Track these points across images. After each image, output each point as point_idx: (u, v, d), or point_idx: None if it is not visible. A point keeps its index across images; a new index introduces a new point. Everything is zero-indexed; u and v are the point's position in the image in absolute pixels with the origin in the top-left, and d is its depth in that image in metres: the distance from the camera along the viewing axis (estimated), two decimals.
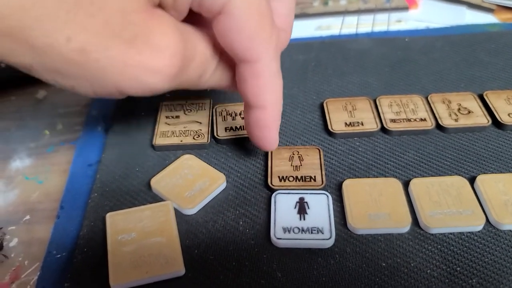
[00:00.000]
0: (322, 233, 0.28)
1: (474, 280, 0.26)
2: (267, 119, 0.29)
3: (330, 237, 0.27)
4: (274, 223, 0.28)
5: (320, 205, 0.29)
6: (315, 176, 0.31)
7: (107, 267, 0.27)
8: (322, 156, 0.33)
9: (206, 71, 0.27)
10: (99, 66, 0.21)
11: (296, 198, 0.30)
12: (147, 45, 0.22)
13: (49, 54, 0.21)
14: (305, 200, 0.29)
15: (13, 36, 0.20)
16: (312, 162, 0.32)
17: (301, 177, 0.31)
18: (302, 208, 0.29)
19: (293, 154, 0.33)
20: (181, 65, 0.24)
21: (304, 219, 0.28)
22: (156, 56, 0.22)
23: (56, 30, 0.20)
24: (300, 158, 0.32)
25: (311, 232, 0.28)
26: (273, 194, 0.30)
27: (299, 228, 0.28)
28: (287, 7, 0.30)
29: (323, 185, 0.31)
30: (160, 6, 0.23)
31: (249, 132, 0.30)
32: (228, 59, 0.28)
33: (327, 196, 0.30)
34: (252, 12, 0.25)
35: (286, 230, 0.28)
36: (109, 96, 0.24)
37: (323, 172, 0.31)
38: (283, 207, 0.29)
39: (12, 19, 0.19)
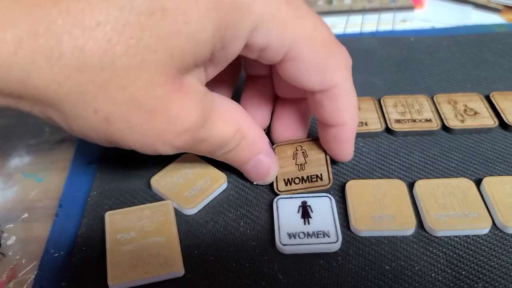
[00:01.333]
0: (329, 237, 0.27)
1: (479, 285, 0.25)
2: (346, 135, 0.29)
3: (337, 240, 0.27)
4: (279, 229, 0.28)
5: (324, 208, 0.28)
6: (321, 175, 0.30)
7: (105, 266, 0.26)
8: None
9: (218, 151, 0.27)
10: (119, 133, 0.23)
11: (298, 202, 0.29)
12: (164, 119, 0.23)
13: (75, 120, 0.22)
14: (308, 204, 0.29)
15: (46, 104, 0.21)
16: (317, 157, 0.31)
17: (307, 177, 0.30)
18: (305, 212, 0.28)
19: (297, 150, 0.32)
20: (192, 142, 0.25)
21: (308, 223, 0.28)
22: (169, 131, 0.23)
23: (85, 103, 0.21)
24: (304, 154, 0.32)
25: (317, 236, 0.27)
26: (275, 199, 0.29)
27: (304, 233, 0.27)
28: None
29: (330, 184, 0.30)
30: (197, 64, 0.23)
31: (326, 146, 0.31)
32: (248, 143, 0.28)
33: (330, 198, 0.29)
34: (317, 49, 0.25)
35: (291, 235, 0.27)
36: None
37: (329, 169, 0.30)
38: (286, 212, 0.28)
39: (46, 91, 0.20)
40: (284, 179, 0.31)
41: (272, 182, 0.31)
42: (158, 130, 0.23)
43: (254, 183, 0.31)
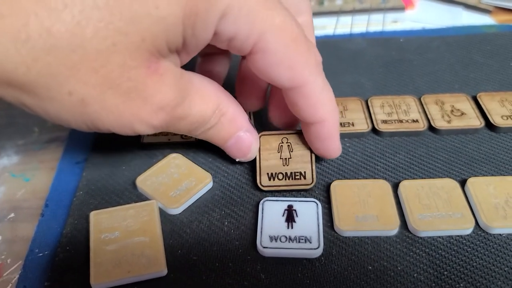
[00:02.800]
0: (310, 242, 0.27)
1: (461, 285, 0.25)
2: (327, 132, 0.29)
3: (318, 247, 0.27)
4: (261, 231, 0.28)
5: (309, 213, 0.28)
6: (305, 173, 0.30)
7: (89, 266, 0.26)
8: None
9: (198, 129, 0.28)
10: (96, 115, 0.23)
11: (284, 205, 0.29)
12: (140, 99, 0.23)
13: (50, 103, 0.22)
14: (294, 208, 0.29)
15: (16, 87, 0.21)
16: (302, 153, 0.31)
17: (291, 173, 0.30)
18: (290, 216, 0.28)
19: (282, 142, 0.32)
20: (169, 121, 0.25)
21: (292, 227, 0.28)
22: (145, 110, 0.24)
23: (58, 85, 0.21)
24: (290, 148, 0.31)
25: (299, 241, 0.27)
26: (262, 201, 0.29)
27: (286, 237, 0.27)
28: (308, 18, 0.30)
29: (313, 183, 0.30)
30: (171, 50, 0.24)
31: (311, 145, 0.31)
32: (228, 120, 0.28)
33: (317, 204, 0.29)
34: (286, 42, 0.25)
35: (273, 238, 0.27)
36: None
37: (313, 167, 0.31)
38: (271, 215, 0.28)
39: (15, 74, 0.20)
40: (267, 173, 0.30)
41: (256, 177, 0.31)
42: (134, 110, 0.23)
43: (237, 160, 0.31)
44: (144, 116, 0.24)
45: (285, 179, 0.30)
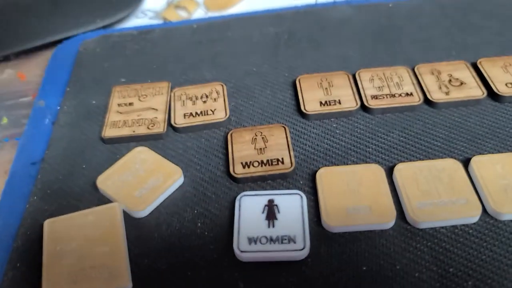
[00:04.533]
0: (294, 243, 0.23)
1: (469, 283, 0.22)
2: None
3: (304, 247, 0.23)
4: (238, 233, 0.24)
5: (293, 208, 0.25)
6: (282, 158, 0.27)
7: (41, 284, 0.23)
8: (288, 135, 0.29)
9: None
10: None
11: (264, 200, 0.25)
12: None
13: None
14: (275, 203, 0.25)
15: None
16: (277, 142, 0.28)
17: (267, 160, 0.27)
18: (271, 212, 0.25)
19: (256, 136, 0.29)
20: None
21: (273, 225, 0.24)
22: None
23: None
24: (264, 139, 0.28)
25: (282, 242, 0.23)
26: (238, 196, 0.26)
27: (267, 238, 0.24)
28: None
29: (292, 167, 0.27)
30: None
31: None
32: None
33: (301, 196, 0.25)
34: None
35: (252, 240, 0.24)
36: None
37: (291, 153, 0.27)
38: (249, 212, 0.25)
39: None
40: (241, 162, 0.27)
41: (228, 167, 0.27)
42: None
43: None
44: None
45: (261, 166, 0.27)
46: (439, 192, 0.25)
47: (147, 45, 0.38)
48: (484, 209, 0.24)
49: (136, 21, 0.44)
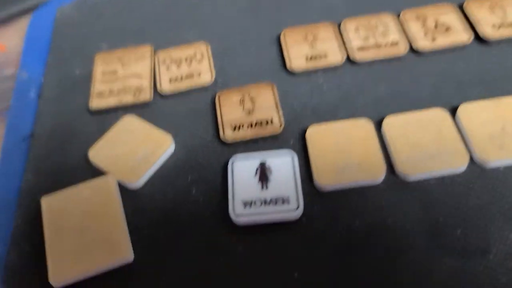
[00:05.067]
0: (288, 203, 0.24)
1: (458, 231, 0.23)
2: None
3: (298, 207, 0.24)
4: (233, 197, 0.24)
5: (285, 169, 0.25)
6: (271, 119, 0.27)
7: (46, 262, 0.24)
8: (276, 94, 0.29)
9: None
10: None
11: (256, 163, 0.26)
12: None
13: None
14: (267, 165, 0.25)
15: None
16: (266, 102, 0.28)
17: (256, 122, 0.27)
18: (263, 174, 0.25)
19: (244, 97, 0.28)
20: None
21: (266, 187, 0.25)
22: None
23: None
24: (253, 100, 0.28)
25: (276, 203, 0.24)
26: (230, 160, 0.26)
27: (261, 200, 0.24)
28: None
29: (281, 127, 0.27)
30: None
31: None
32: None
33: (292, 156, 0.26)
34: None
35: (247, 204, 0.24)
36: None
37: (280, 113, 0.28)
38: (242, 176, 0.25)
39: None
40: (231, 125, 0.27)
41: (218, 131, 0.27)
42: None
43: None
44: None
45: (251, 128, 0.27)
46: (427, 144, 0.25)
47: (126, 6, 0.37)
48: (472, 158, 0.25)
49: None
